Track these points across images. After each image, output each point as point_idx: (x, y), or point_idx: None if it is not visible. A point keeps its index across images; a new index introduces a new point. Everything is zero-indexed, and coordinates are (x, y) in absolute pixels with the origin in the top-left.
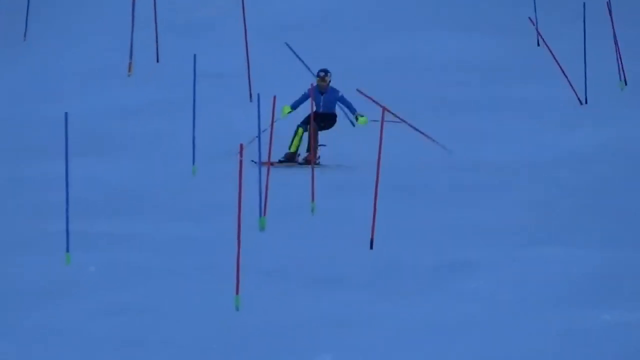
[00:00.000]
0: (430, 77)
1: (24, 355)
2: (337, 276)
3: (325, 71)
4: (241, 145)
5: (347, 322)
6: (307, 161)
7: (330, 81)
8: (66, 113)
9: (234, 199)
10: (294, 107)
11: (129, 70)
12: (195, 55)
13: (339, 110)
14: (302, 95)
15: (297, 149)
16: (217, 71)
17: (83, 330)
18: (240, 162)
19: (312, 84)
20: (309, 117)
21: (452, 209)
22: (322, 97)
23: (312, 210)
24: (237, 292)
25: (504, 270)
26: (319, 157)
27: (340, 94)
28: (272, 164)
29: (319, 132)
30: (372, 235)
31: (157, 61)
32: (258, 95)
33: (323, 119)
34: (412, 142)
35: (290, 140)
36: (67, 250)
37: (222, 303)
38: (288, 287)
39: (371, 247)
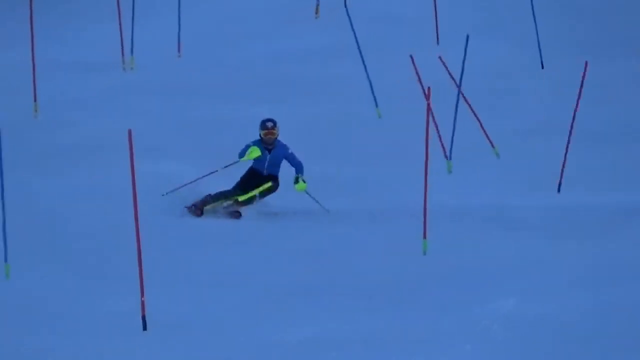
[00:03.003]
0: None
1: None
2: (521, 218)
3: (274, 121)
4: None
5: (531, 265)
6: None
7: (278, 134)
8: None
9: (419, 142)
10: (242, 154)
11: (316, 12)
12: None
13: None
14: (246, 146)
15: (212, 205)
16: (402, 13)
17: (258, 273)
18: (428, 105)
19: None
20: (248, 175)
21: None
22: (268, 155)
23: (496, 154)
24: (424, 237)
25: None
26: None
27: (289, 150)
28: (195, 206)
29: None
30: (561, 179)
31: (345, 6)
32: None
33: (264, 183)
34: None
35: (216, 192)
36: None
37: (409, 246)
38: (472, 231)
39: (559, 191)
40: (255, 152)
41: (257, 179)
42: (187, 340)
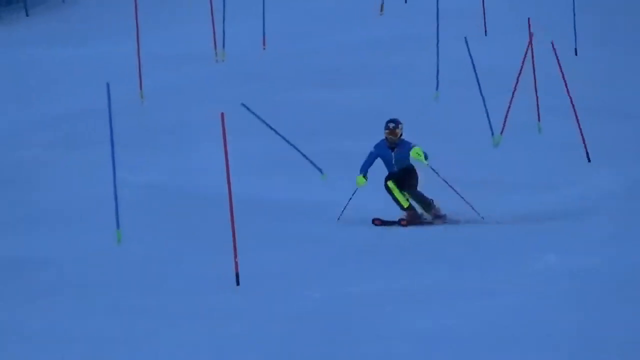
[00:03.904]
0: None
1: None
2: (557, 183)
3: (396, 122)
4: None
5: (569, 223)
6: (437, 216)
7: (401, 133)
8: None
9: (472, 121)
10: (365, 173)
11: (381, 10)
12: None
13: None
14: (369, 155)
15: (409, 204)
16: (457, 7)
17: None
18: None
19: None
20: (388, 177)
21: None
22: (392, 154)
23: (539, 130)
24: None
25: None
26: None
27: (412, 145)
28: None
29: (413, 188)
30: (587, 150)
31: (405, 2)
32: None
33: (403, 179)
34: None
35: (394, 201)
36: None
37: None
38: (517, 195)
39: (589, 161)
40: (361, 180)
41: (397, 177)
42: (273, 293)
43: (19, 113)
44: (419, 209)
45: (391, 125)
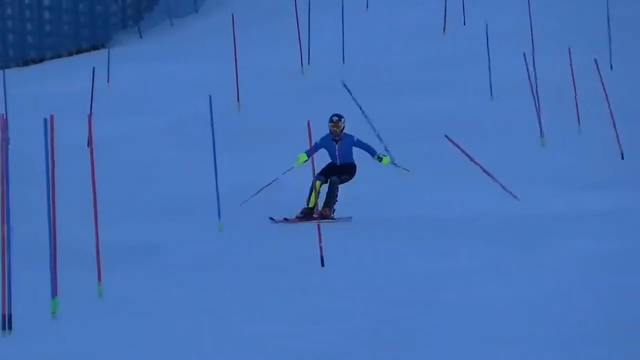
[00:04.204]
0: None
1: None
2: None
3: (339, 116)
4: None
5: (605, 213)
6: (322, 216)
7: (344, 127)
8: None
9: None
10: (309, 155)
11: (444, 30)
12: (487, 22)
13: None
14: (314, 145)
15: (315, 205)
16: (504, 31)
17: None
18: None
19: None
20: (327, 167)
21: None
22: (336, 146)
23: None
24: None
25: None
26: (334, 212)
27: (355, 138)
28: (287, 219)
29: (340, 186)
30: (621, 148)
31: (464, 24)
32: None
33: (342, 171)
34: None
35: (308, 194)
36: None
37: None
38: (559, 188)
39: (622, 158)
40: (302, 158)
41: (335, 168)
42: (355, 273)
43: (145, 119)
44: (320, 203)
45: (335, 118)
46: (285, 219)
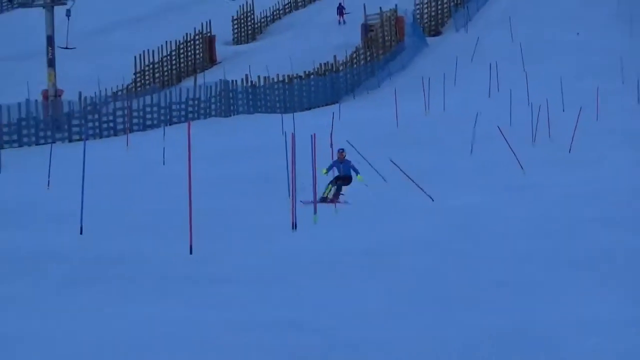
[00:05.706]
0: None
1: None
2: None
3: (342, 150)
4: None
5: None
6: (332, 201)
7: (345, 155)
8: None
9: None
10: (328, 170)
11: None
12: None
13: (352, 173)
14: (331, 163)
15: (326, 195)
16: (562, 39)
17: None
18: None
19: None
20: (335, 177)
21: None
22: (341, 165)
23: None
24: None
25: None
26: (341, 197)
27: (351, 163)
28: (310, 202)
29: (342, 187)
30: None
31: (512, 40)
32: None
33: (343, 180)
34: None
35: (324, 189)
36: None
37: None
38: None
39: None
40: (324, 171)
41: (339, 178)
42: (329, 238)
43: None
44: (331, 193)
45: (340, 150)
46: (311, 202)
